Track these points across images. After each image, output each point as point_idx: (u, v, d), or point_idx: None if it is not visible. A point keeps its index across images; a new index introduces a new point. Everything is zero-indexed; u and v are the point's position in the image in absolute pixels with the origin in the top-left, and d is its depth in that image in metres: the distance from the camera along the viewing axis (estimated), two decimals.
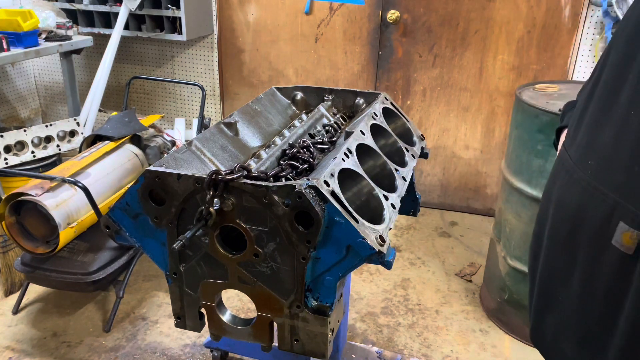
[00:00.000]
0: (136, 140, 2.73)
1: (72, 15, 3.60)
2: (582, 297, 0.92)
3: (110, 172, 2.44)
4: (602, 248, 0.86)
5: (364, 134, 1.41)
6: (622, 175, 0.82)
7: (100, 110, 3.58)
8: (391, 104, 1.75)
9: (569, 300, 0.95)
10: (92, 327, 2.43)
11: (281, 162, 1.42)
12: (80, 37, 3.46)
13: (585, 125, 0.92)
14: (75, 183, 2.13)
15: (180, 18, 3.34)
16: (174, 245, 1.07)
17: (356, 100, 1.83)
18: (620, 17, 2.61)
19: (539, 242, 1.06)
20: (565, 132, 1.15)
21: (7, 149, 2.92)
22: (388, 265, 1.08)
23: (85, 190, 2.11)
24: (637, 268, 0.81)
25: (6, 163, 2.89)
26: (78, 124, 3.21)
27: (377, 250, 1.06)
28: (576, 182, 0.91)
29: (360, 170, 1.26)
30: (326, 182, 1.08)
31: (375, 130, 1.50)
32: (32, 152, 3.01)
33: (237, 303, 2.59)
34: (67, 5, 3.53)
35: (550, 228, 1.00)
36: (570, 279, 0.94)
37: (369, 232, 1.08)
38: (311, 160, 1.40)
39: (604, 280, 0.87)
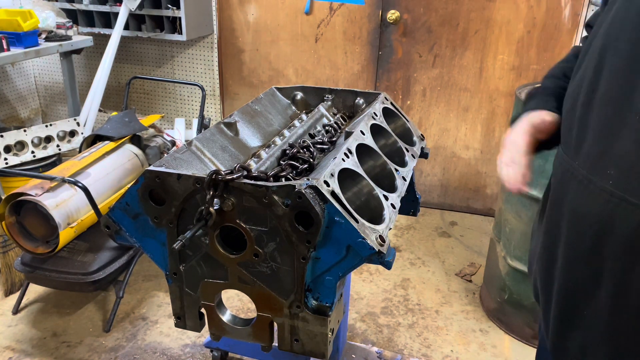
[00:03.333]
0: (136, 140, 2.73)
1: (72, 15, 3.60)
2: (612, 312, 0.88)
3: (110, 172, 2.44)
4: (635, 260, 0.83)
5: (364, 134, 1.41)
6: None
7: (100, 110, 3.58)
8: (391, 104, 1.75)
9: (596, 316, 0.91)
10: (92, 327, 2.43)
11: (281, 162, 1.42)
12: (80, 37, 3.46)
13: (592, 134, 0.88)
14: (75, 183, 2.13)
15: (180, 18, 3.34)
16: (174, 245, 1.07)
17: (356, 100, 1.83)
18: None
19: (551, 256, 1.01)
20: (530, 115, 1.08)
21: (7, 149, 2.92)
22: (388, 265, 1.08)
23: (85, 190, 2.11)
24: None
25: (6, 163, 2.89)
26: (78, 124, 3.21)
27: (377, 250, 1.05)
28: (595, 193, 0.86)
29: (360, 170, 1.26)
30: (326, 182, 1.08)
31: (375, 130, 1.49)
32: (32, 152, 3.01)
33: (237, 303, 2.59)
34: (67, 5, 3.53)
35: (568, 241, 0.95)
36: (597, 293, 0.90)
37: (369, 232, 1.08)
38: (311, 160, 1.40)
39: (638, 293, 0.84)
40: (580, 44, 1.23)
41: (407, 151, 1.56)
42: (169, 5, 3.33)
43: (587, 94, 0.90)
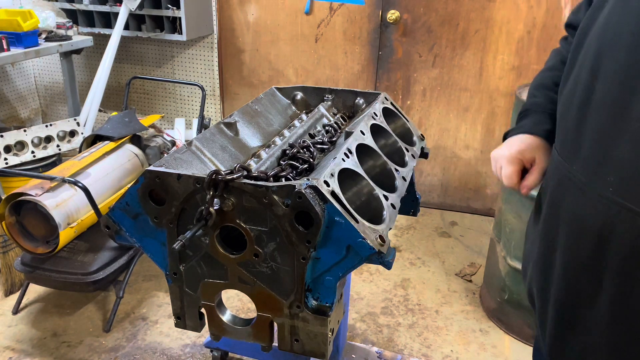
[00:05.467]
0: (136, 140, 2.73)
1: (72, 15, 3.60)
2: (613, 322, 0.88)
3: (110, 172, 2.44)
4: (636, 268, 0.82)
5: (364, 134, 1.41)
6: None
7: (100, 110, 3.58)
8: (391, 104, 1.75)
9: (596, 325, 0.91)
10: (92, 327, 2.43)
11: (281, 162, 1.42)
12: (80, 37, 3.46)
13: (590, 139, 0.87)
14: (75, 183, 2.13)
15: (180, 18, 3.34)
16: (174, 245, 1.07)
17: (356, 100, 1.83)
18: None
19: (548, 261, 1.01)
20: (517, 137, 1.16)
21: (7, 149, 2.92)
22: (388, 265, 1.08)
23: (85, 190, 2.11)
24: None
25: (6, 163, 2.89)
26: (78, 124, 3.21)
27: (377, 250, 1.05)
28: (594, 200, 0.86)
29: (360, 170, 1.26)
30: (326, 182, 1.08)
31: (375, 130, 1.49)
32: (32, 152, 3.01)
33: (237, 303, 2.59)
34: (67, 5, 3.53)
35: (566, 247, 0.95)
36: (597, 302, 0.90)
37: (369, 232, 1.08)
38: (311, 160, 1.40)
39: (639, 299, 0.84)
40: (560, 46, 1.23)
41: (407, 151, 1.56)
42: (169, 5, 3.32)
43: (583, 97, 0.89)
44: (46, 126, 3.08)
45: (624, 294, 0.85)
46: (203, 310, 1.27)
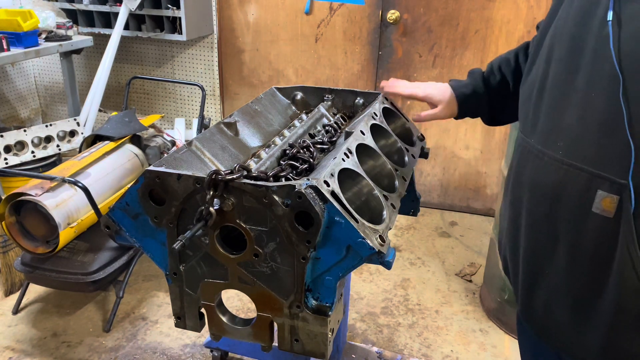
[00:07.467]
0: (136, 140, 2.73)
1: (72, 15, 3.60)
2: (569, 266, 0.99)
3: (110, 172, 2.44)
4: (584, 217, 0.94)
5: (364, 134, 1.41)
6: (593, 149, 0.92)
7: (100, 110, 3.58)
8: (391, 103, 1.75)
9: (556, 272, 1.02)
10: (92, 327, 2.43)
11: (281, 162, 1.41)
12: (80, 37, 3.46)
13: (544, 114, 1.02)
14: (75, 183, 2.13)
15: (180, 18, 3.34)
16: (174, 245, 1.06)
17: (356, 100, 1.82)
18: None
19: (516, 226, 1.13)
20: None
21: (7, 149, 2.92)
22: (388, 265, 1.08)
23: (85, 190, 2.11)
24: (620, 228, 0.90)
25: (6, 163, 2.89)
26: (78, 124, 3.21)
27: (377, 250, 1.05)
28: (548, 164, 1.00)
29: (360, 170, 1.26)
30: (326, 182, 1.08)
31: (375, 130, 1.49)
32: (32, 152, 3.01)
33: (237, 303, 2.59)
34: (67, 5, 3.53)
35: (528, 210, 1.07)
36: (555, 253, 1.01)
37: (369, 232, 1.08)
38: (311, 160, 1.40)
39: (589, 246, 0.95)
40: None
41: (407, 151, 1.56)
42: (169, 5, 3.33)
43: (540, 84, 1.05)
44: (46, 126, 3.08)
45: (576, 244, 0.97)
46: (203, 310, 1.27)
